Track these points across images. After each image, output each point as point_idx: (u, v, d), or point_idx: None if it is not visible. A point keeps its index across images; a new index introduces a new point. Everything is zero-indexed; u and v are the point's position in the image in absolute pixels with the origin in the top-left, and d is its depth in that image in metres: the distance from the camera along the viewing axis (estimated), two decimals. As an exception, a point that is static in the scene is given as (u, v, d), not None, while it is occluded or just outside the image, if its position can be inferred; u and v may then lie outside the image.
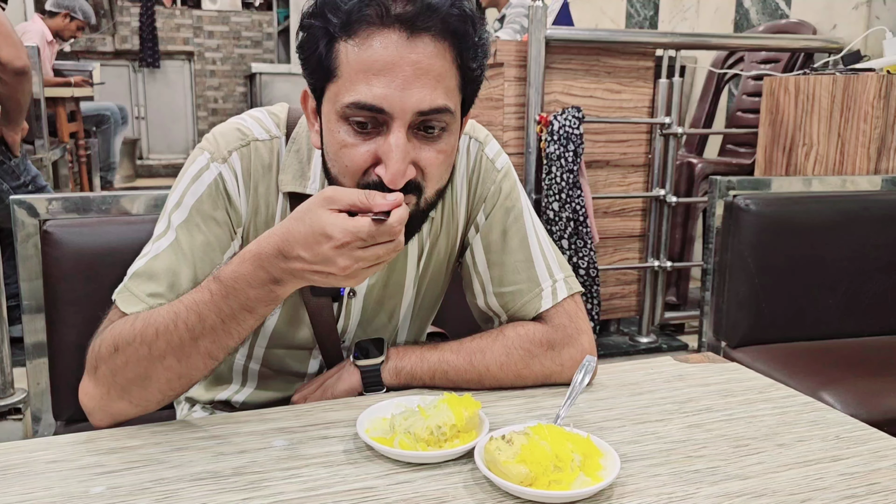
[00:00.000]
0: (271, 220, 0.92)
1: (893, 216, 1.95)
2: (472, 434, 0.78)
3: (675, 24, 3.90)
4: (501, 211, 1.00)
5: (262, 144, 0.92)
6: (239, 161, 0.90)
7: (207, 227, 0.89)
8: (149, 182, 6.80)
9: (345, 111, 0.78)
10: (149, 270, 0.87)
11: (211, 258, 0.89)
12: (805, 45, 2.76)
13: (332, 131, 0.80)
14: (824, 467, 0.78)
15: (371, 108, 0.77)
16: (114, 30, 7.04)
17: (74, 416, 1.25)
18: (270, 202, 0.92)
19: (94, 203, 1.28)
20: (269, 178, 0.92)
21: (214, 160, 0.90)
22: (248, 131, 0.92)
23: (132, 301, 0.86)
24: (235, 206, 0.90)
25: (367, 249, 0.72)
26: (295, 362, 1.03)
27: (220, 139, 0.91)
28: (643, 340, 2.74)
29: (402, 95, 0.76)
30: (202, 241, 0.88)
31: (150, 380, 0.81)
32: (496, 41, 2.46)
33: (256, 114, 0.95)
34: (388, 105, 0.76)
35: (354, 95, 0.77)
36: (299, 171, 0.91)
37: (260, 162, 0.91)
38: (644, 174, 2.67)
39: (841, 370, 1.68)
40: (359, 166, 0.79)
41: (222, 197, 0.89)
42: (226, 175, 0.89)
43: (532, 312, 0.99)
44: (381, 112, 0.77)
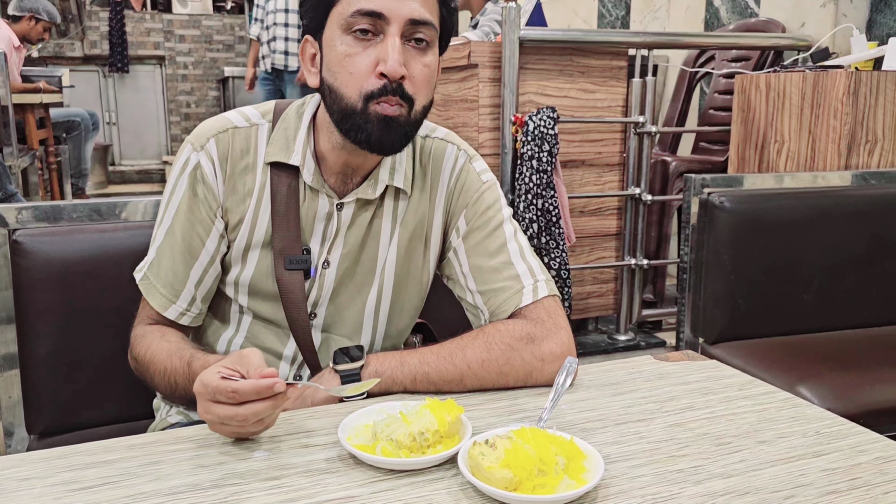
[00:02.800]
0: (248, 196, 1.02)
1: (864, 211, 1.97)
2: (455, 439, 0.78)
3: (646, 24, 3.93)
4: (483, 219, 1.06)
5: (240, 131, 1.03)
6: (215, 146, 1.01)
7: (192, 213, 1.02)
8: (121, 188, 6.70)
9: (349, 21, 0.91)
10: (158, 260, 1.04)
11: (198, 241, 1.03)
12: (775, 44, 2.80)
13: (335, 47, 0.94)
14: (806, 463, 0.78)
15: (373, 13, 0.90)
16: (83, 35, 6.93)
17: (49, 429, 1.23)
18: (247, 180, 1.02)
19: (65, 211, 1.26)
20: (246, 159, 1.03)
21: (195, 149, 1.02)
22: (227, 121, 1.04)
23: (153, 292, 1.05)
24: (211, 189, 1.02)
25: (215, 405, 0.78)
26: (273, 340, 1.08)
27: (201, 129, 1.04)
28: (621, 338, 2.75)
29: (399, 4, 0.91)
30: (189, 228, 1.02)
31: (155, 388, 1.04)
32: (468, 42, 2.46)
33: (243, 108, 1.07)
34: (386, 10, 0.90)
35: (357, 4, 0.91)
36: (285, 144, 1.02)
37: (238, 145, 1.02)
38: (619, 173, 2.68)
39: (817, 364, 1.70)
40: (362, 71, 0.92)
41: (200, 183, 1.01)
42: (203, 161, 1.01)
43: (512, 308, 1.02)
44: (380, 17, 0.91)
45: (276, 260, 1.02)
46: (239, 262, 1.04)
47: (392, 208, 1.06)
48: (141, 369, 1.04)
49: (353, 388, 0.88)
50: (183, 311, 1.04)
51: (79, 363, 1.22)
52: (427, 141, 1.09)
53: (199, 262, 1.03)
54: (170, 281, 1.03)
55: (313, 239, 1.04)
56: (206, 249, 1.03)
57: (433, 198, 1.08)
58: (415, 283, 1.10)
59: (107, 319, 1.22)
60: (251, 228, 1.03)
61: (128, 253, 1.19)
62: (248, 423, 0.78)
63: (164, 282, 1.03)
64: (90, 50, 6.95)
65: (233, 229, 1.03)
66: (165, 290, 1.03)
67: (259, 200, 1.02)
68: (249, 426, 0.79)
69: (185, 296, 1.04)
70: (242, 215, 1.03)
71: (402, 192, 1.06)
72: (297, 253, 1.02)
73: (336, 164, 1.02)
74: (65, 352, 1.21)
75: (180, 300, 1.04)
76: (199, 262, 1.03)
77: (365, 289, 1.07)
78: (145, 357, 1.01)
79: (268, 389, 0.77)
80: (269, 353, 1.07)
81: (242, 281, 1.05)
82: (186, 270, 1.03)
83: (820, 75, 2.18)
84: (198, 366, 0.92)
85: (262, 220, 1.02)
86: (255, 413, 0.78)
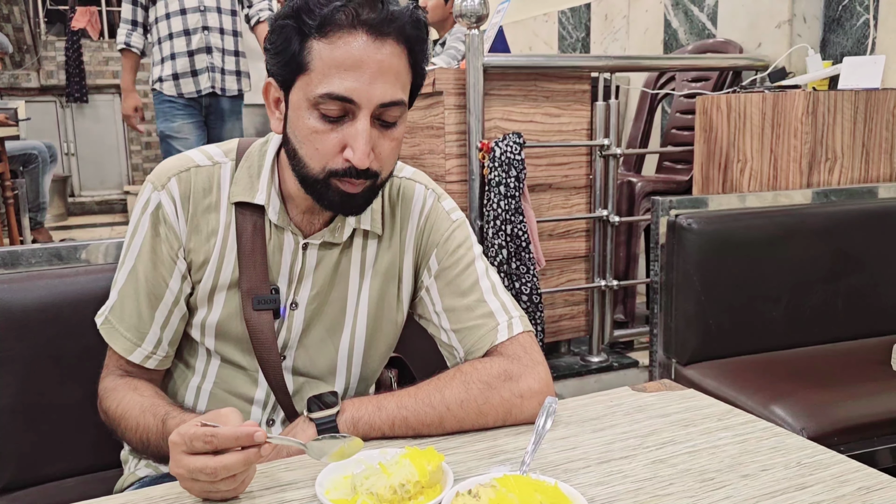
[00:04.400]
0: (213, 235, 1.00)
1: (828, 227, 2.01)
2: (437, 489, 0.76)
3: (606, 45, 3.98)
4: (454, 258, 1.05)
5: (202, 170, 1.01)
6: (177, 185, 1.00)
7: (154, 253, 1.00)
8: (82, 220, 6.57)
9: (317, 100, 0.88)
10: (120, 302, 1.02)
11: (162, 282, 1.01)
12: (733, 64, 2.85)
13: (302, 117, 0.91)
14: (790, 497, 0.78)
15: (342, 98, 0.88)
16: (38, 65, 6.82)
17: (12, 483, 1.18)
18: (211, 220, 1.01)
19: (23, 257, 1.22)
20: (209, 198, 1.01)
21: (155, 189, 1.00)
22: (189, 160, 1.02)
23: (115, 337, 1.02)
24: (173, 228, 1.00)
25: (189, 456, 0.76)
26: (243, 384, 1.05)
27: (162, 168, 1.02)
28: (594, 360, 2.75)
29: (369, 89, 0.88)
30: (151, 269, 1.00)
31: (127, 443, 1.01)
32: (434, 69, 2.46)
33: (205, 147, 1.05)
34: (356, 96, 0.88)
35: (327, 87, 0.88)
36: (249, 183, 1.00)
37: (200, 185, 1.01)
38: (586, 195, 2.70)
39: (789, 382, 1.72)
40: (328, 151, 0.90)
41: (162, 223, 1.00)
42: (164, 201, 0.99)
43: (487, 345, 1.01)
44: (350, 102, 0.88)
45: (243, 300, 1.00)
46: (205, 305, 1.02)
47: (361, 248, 1.05)
48: (112, 423, 1.01)
49: (336, 454, 0.81)
50: (148, 354, 1.02)
51: (41, 413, 1.18)
52: (395, 180, 1.08)
53: (164, 302, 1.01)
54: (134, 324, 1.01)
55: (280, 278, 1.02)
56: (169, 290, 1.00)
57: (403, 237, 1.07)
58: (389, 323, 1.08)
59: (70, 367, 1.18)
60: (217, 269, 1.00)
61: (90, 298, 1.15)
62: (217, 478, 0.75)
63: (128, 325, 1.01)
64: (47, 80, 6.83)
65: (197, 270, 1.01)
66: (129, 334, 1.01)
67: (224, 240, 1.00)
68: (220, 484, 0.75)
69: (150, 338, 1.01)
70: (208, 255, 1.00)
71: (371, 233, 1.04)
72: (265, 292, 1.00)
73: (302, 203, 1.00)
74: (26, 402, 1.17)
75: (145, 343, 1.01)
76: (163, 302, 1.01)
77: (336, 331, 1.05)
78: (116, 412, 0.98)
79: (248, 438, 0.75)
80: (240, 398, 1.05)
81: (209, 324, 1.02)
82: (151, 312, 1.01)
83: (779, 96, 2.22)
84: (173, 424, 0.90)
85: (228, 259, 1.00)
86: (227, 467, 0.75)
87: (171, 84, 3.40)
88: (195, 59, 3.38)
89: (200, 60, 3.39)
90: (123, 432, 0.98)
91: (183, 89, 3.41)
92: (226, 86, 3.46)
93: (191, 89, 3.41)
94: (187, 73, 3.39)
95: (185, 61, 3.38)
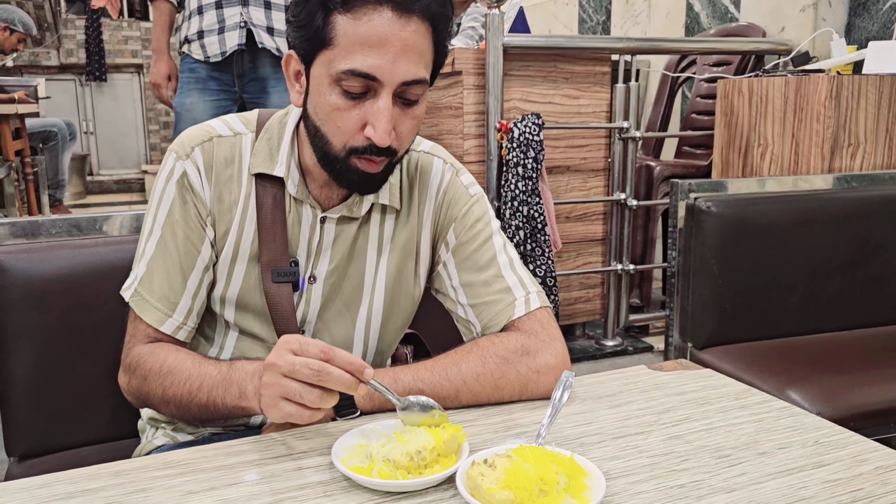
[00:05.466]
0: (234, 206, 1.00)
1: (848, 214, 1.98)
2: (453, 458, 0.76)
3: (627, 29, 3.94)
4: (472, 232, 1.05)
5: (224, 140, 1.01)
6: (201, 155, 1.00)
7: (185, 221, 1.00)
8: (100, 199, 6.62)
9: (340, 76, 0.87)
10: (150, 274, 1.00)
11: (193, 249, 1.00)
12: (755, 48, 2.81)
13: (324, 94, 0.90)
14: (807, 475, 0.77)
15: (365, 75, 0.86)
16: (58, 43, 6.85)
17: (29, 451, 1.19)
18: (233, 190, 1.00)
19: (44, 227, 1.23)
20: (231, 168, 1.01)
21: (179, 158, 1.00)
22: (211, 130, 1.02)
23: (146, 308, 1.00)
24: (200, 197, 1.00)
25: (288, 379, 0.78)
26: (261, 356, 1.03)
27: (185, 138, 1.01)
28: (609, 343, 2.75)
29: (392, 67, 0.86)
30: (183, 236, 1.00)
31: (160, 408, 0.99)
32: (453, 49, 2.45)
33: (226, 117, 1.05)
34: (379, 74, 0.86)
35: (350, 63, 0.86)
36: (268, 155, 1.00)
37: (222, 154, 1.00)
38: (604, 178, 2.68)
39: (805, 368, 1.70)
40: (350, 128, 0.90)
41: (188, 191, 0.99)
42: (189, 170, 0.99)
43: (505, 320, 1.01)
44: (373, 80, 0.87)
45: (263, 273, 1.00)
46: (225, 276, 1.02)
47: (379, 223, 1.04)
48: (149, 385, 0.97)
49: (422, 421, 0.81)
50: (180, 325, 1.01)
51: (59, 383, 1.19)
52: (413, 154, 1.08)
53: (196, 270, 1.01)
54: (165, 294, 1.00)
55: (300, 251, 1.02)
56: (201, 257, 1.00)
57: (421, 212, 1.07)
58: (406, 298, 1.08)
59: (88, 338, 1.19)
60: (237, 239, 1.01)
61: (109, 269, 1.16)
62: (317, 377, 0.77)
63: (159, 295, 1.00)
64: (66, 59, 6.86)
65: (220, 239, 1.01)
66: (161, 304, 1.00)
67: (244, 211, 1.00)
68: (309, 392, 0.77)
69: (181, 308, 1.01)
70: (228, 226, 1.00)
71: (390, 208, 1.04)
72: (284, 265, 1.00)
73: (320, 177, 1.00)
74: (45, 372, 1.18)
75: (177, 313, 1.00)
76: (195, 270, 1.01)
77: (354, 306, 1.05)
78: (162, 369, 0.95)
79: (359, 367, 0.78)
80: None
81: (230, 296, 1.02)
82: (183, 281, 1.00)
83: (802, 80, 2.19)
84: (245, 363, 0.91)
85: (247, 231, 1.00)
86: (331, 372, 0.77)
87: (197, 45, 2.59)
88: (224, 13, 2.55)
89: (232, 15, 2.54)
90: (169, 386, 0.94)
91: (209, 51, 2.57)
92: (265, 41, 2.55)
93: (215, 50, 2.56)
94: (213, 30, 2.57)
95: (213, 15, 2.55)
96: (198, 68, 2.60)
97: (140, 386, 0.99)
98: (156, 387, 0.96)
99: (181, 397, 0.94)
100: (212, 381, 0.91)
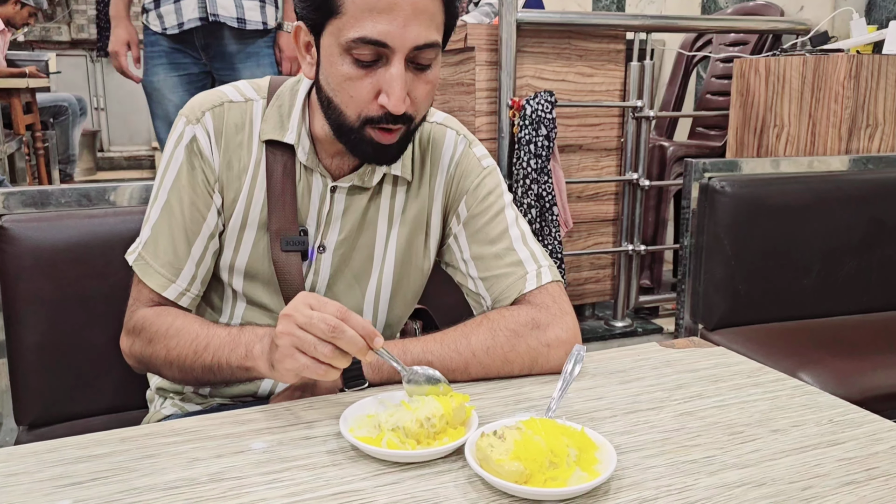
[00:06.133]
0: (243, 172, 0.99)
1: (865, 196, 1.96)
2: (461, 430, 0.75)
3: (642, 7, 3.89)
4: (484, 205, 1.04)
5: (235, 105, 1.00)
6: (211, 120, 0.99)
7: (192, 187, 0.99)
8: (110, 175, 6.62)
9: (349, 45, 0.86)
10: (154, 238, 1.00)
11: (199, 215, 0.99)
12: (773, 27, 2.77)
13: (335, 63, 0.88)
14: (821, 453, 0.76)
15: (376, 42, 0.85)
16: (69, 18, 6.83)
17: (38, 419, 1.20)
18: (243, 156, 0.99)
19: (53, 197, 1.22)
20: (241, 135, 0.99)
21: (189, 122, 0.99)
22: (223, 95, 1.01)
23: (149, 273, 0.99)
24: (209, 162, 0.99)
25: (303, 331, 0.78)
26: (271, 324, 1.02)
27: (196, 102, 1.00)
28: (619, 324, 2.73)
29: (403, 32, 0.85)
30: (189, 202, 0.99)
31: (162, 370, 0.98)
32: (465, 25, 2.42)
33: (238, 83, 1.03)
34: (390, 40, 0.85)
35: (360, 31, 0.84)
36: (279, 122, 0.99)
37: (232, 120, 0.99)
38: (617, 158, 2.66)
39: (817, 351, 1.69)
40: (363, 97, 0.88)
41: (197, 156, 0.98)
42: (199, 134, 0.98)
43: (516, 294, 1.00)
44: (383, 46, 0.85)
45: (272, 241, 0.99)
46: (233, 244, 1.01)
47: (390, 195, 1.03)
48: (154, 347, 0.96)
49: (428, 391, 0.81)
50: (183, 291, 1.00)
51: (68, 352, 1.19)
52: (426, 125, 1.06)
53: (201, 237, 1.00)
54: (169, 259, 0.99)
55: (309, 220, 1.01)
56: (206, 224, 0.99)
57: (433, 184, 1.05)
58: (416, 271, 1.07)
59: (97, 307, 1.19)
60: (246, 206, 1.00)
61: (118, 239, 1.15)
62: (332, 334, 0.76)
63: (163, 261, 0.99)
64: (77, 34, 6.84)
65: (228, 206, 1.00)
66: (164, 270, 0.99)
67: (254, 178, 0.99)
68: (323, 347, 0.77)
69: (185, 274, 1.00)
70: (237, 192, 0.99)
71: (401, 179, 1.03)
72: (293, 233, 0.99)
73: (331, 146, 0.98)
74: (54, 341, 1.18)
75: (180, 279, 1.00)
76: (200, 237, 0.99)
77: (363, 277, 1.04)
78: (169, 331, 0.95)
79: (371, 333, 0.79)
80: None
81: (238, 265, 1.02)
82: (187, 247, 0.99)
83: (821, 59, 2.16)
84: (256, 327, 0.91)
85: (256, 198, 0.99)
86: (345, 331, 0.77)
87: (154, 15, 2.37)
88: None
89: None
90: (173, 347, 0.94)
91: (166, 22, 2.34)
92: (220, 12, 2.28)
93: (172, 21, 2.33)
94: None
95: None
96: (159, 40, 2.40)
97: (144, 349, 0.98)
98: (160, 348, 0.95)
99: (185, 357, 0.93)
100: (219, 342, 0.91)
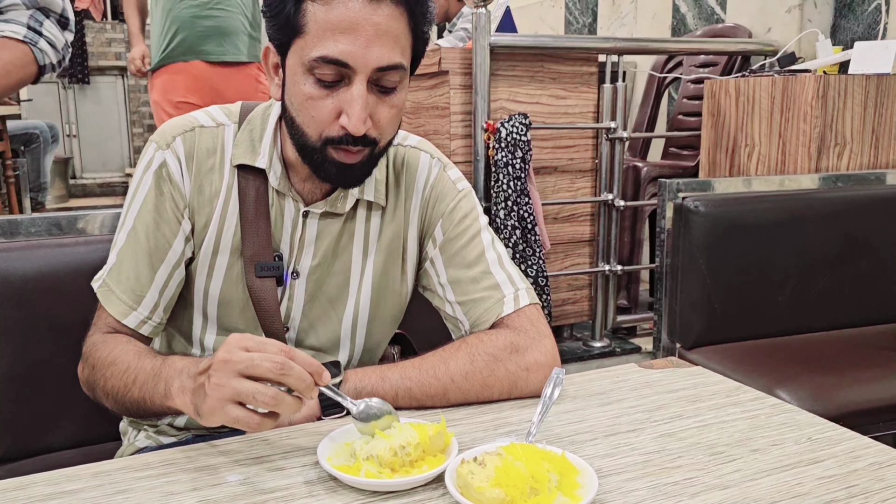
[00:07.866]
0: (215, 197, 0.98)
1: (836, 213, 1.99)
2: (441, 457, 0.74)
3: (613, 31, 3.95)
4: (460, 228, 1.03)
5: (206, 130, 0.99)
6: (182, 145, 0.98)
7: (158, 213, 0.97)
8: (83, 202, 6.55)
9: (311, 64, 0.86)
10: (119, 264, 0.98)
11: (164, 242, 0.97)
12: (742, 49, 2.82)
13: (298, 83, 0.88)
14: (802, 472, 0.76)
15: (336, 62, 0.85)
16: (41, 45, 6.77)
17: (7, 454, 1.17)
18: (214, 181, 0.99)
19: (23, 226, 1.20)
20: (213, 159, 0.99)
21: (160, 147, 0.98)
22: (194, 120, 1.00)
23: (111, 299, 0.98)
24: (178, 188, 0.97)
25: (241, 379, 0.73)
26: None
27: (167, 128, 1.00)
28: (597, 345, 2.74)
29: (365, 52, 0.85)
30: (154, 228, 0.97)
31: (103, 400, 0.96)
32: (439, 49, 2.44)
33: (209, 108, 1.03)
34: (352, 60, 0.85)
35: (322, 50, 0.85)
36: (250, 147, 0.98)
37: (204, 145, 0.99)
38: (591, 179, 2.68)
39: (794, 367, 1.70)
40: (324, 118, 0.88)
41: (166, 182, 0.97)
42: (169, 160, 0.97)
43: (493, 318, 1.00)
44: (345, 66, 0.85)
45: (246, 266, 0.98)
46: (206, 270, 0.99)
47: (364, 220, 1.03)
48: (95, 376, 0.94)
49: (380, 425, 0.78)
50: (144, 319, 0.98)
51: (38, 384, 1.16)
52: (399, 149, 1.06)
53: (165, 263, 0.98)
54: (131, 286, 0.97)
55: (283, 245, 1.00)
56: (172, 250, 0.98)
57: (408, 208, 1.05)
58: (393, 296, 1.06)
59: (67, 337, 1.16)
60: (218, 231, 0.98)
61: (89, 268, 1.13)
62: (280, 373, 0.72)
63: (125, 287, 0.97)
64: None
65: (199, 232, 0.99)
66: (126, 296, 0.97)
67: (226, 202, 0.98)
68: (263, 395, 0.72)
69: (147, 302, 0.98)
70: (209, 217, 0.98)
71: (375, 205, 1.02)
72: (268, 259, 0.98)
73: (302, 170, 0.98)
74: (23, 372, 1.16)
75: (142, 307, 0.98)
76: (164, 263, 0.98)
77: (339, 303, 1.03)
78: (107, 359, 0.93)
79: (318, 368, 0.75)
80: None
81: (212, 291, 1.00)
82: (151, 273, 0.97)
83: (789, 79, 2.20)
84: (177, 360, 0.87)
85: (229, 223, 0.98)
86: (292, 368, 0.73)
87: None
88: None
89: None
90: (107, 380, 0.92)
91: None
92: None
93: None
94: None
95: None
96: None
97: (89, 376, 0.96)
98: (99, 377, 0.93)
99: (117, 390, 0.91)
100: (145, 376, 0.88)
